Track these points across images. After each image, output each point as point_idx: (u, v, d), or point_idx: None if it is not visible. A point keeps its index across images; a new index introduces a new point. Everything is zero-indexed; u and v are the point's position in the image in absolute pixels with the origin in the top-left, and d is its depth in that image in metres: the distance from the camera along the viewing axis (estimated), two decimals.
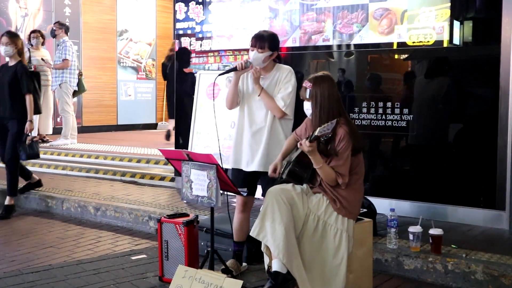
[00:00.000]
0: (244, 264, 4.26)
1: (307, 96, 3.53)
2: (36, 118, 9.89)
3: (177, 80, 6.86)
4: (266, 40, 3.89)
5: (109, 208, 5.89)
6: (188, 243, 3.95)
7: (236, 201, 4.15)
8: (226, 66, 6.30)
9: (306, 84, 3.55)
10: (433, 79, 5.24)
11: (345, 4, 5.42)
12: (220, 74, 4.11)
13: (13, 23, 11.43)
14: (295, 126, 3.99)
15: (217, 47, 6.40)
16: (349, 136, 3.40)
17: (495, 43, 4.80)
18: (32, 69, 9.72)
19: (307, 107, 3.56)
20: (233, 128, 4.86)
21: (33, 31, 10.07)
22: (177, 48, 6.74)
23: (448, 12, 4.94)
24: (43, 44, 10.06)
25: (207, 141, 6.08)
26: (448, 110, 5.11)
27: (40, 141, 10.04)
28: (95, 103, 12.69)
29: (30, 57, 9.77)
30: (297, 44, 5.77)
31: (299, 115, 3.98)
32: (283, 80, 3.92)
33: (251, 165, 3.97)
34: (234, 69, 3.92)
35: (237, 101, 4.01)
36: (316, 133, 3.30)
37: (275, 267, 3.35)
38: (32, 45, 9.89)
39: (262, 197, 4.10)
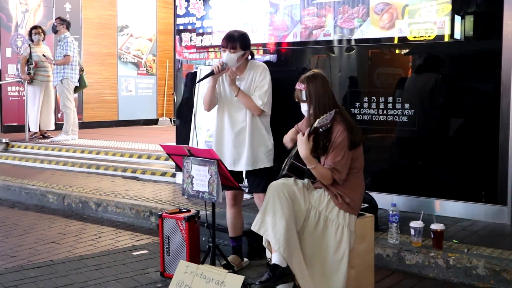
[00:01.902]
0: (245, 259, 4.27)
1: (304, 98, 3.51)
2: (37, 114, 9.92)
3: None
4: (237, 40, 3.90)
5: (110, 203, 5.89)
6: (189, 239, 3.95)
7: (226, 196, 4.14)
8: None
9: (300, 86, 3.52)
10: (434, 74, 5.23)
11: None
12: (199, 81, 4.13)
13: (13, 19, 11.42)
14: (272, 119, 4.08)
15: (217, 42, 6.38)
16: (346, 133, 3.39)
17: (497, 37, 4.78)
18: (33, 65, 9.73)
19: (305, 108, 3.54)
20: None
21: (34, 27, 10.06)
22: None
23: (449, 7, 4.92)
24: (43, 39, 10.05)
25: (207, 137, 6.08)
26: (449, 105, 5.10)
27: (41, 136, 10.06)
28: (96, 98, 12.69)
29: (30, 53, 9.78)
30: (298, 39, 5.76)
31: (277, 110, 4.08)
32: (258, 78, 3.97)
33: (238, 165, 4.01)
34: (212, 73, 3.91)
35: (215, 103, 4.05)
36: (315, 124, 3.30)
37: (275, 260, 3.34)
38: (33, 41, 9.89)
39: (250, 194, 4.13)
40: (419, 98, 5.21)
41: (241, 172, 4.08)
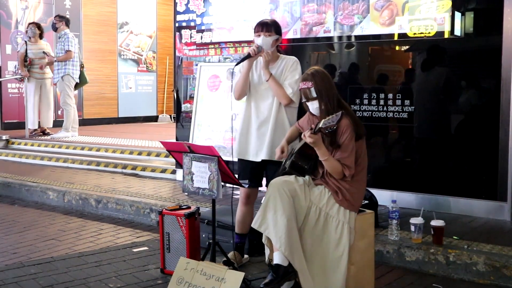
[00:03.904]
0: (245, 256, 4.26)
1: (314, 95, 3.48)
2: (33, 111, 9.90)
3: None
4: (271, 25, 3.99)
5: (110, 200, 5.89)
6: (189, 235, 3.95)
7: (240, 193, 4.15)
8: (227, 58, 6.29)
9: (307, 84, 3.48)
10: (434, 71, 5.22)
11: None
12: (237, 64, 4.08)
13: (13, 15, 11.40)
14: (299, 115, 4.01)
15: (217, 39, 6.39)
16: (352, 127, 3.39)
17: (497, 34, 4.77)
18: (28, 62, 9.70)
19: (316, 105, 3.50)
20: (234, 120, 4.86)
21: (31, 23, 10.04)
22: None
23: (449, 3, 4.92)
24: (41, 36, 10.01)
25: (208, 133, 6.09)
26: (449, 101, 5.10)
27: (41, 133, 10.06)
28: (96, 95, 12.68)
29: (26, 50, 9.74)
30: (298, 36, 5.75)
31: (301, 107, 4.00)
32: (290, 68, 3.97)
33: (260, 154, 3.97)
34: (248, 56, 3.93)
35: (246, 90, 4.03)
36: (320, 125, 3.28)
37: (277, 259, 3.34)
38: (30, 37, 9.85)
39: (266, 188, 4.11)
40: (419, 95, 5.21)
41: (263, 170, 4.06)
